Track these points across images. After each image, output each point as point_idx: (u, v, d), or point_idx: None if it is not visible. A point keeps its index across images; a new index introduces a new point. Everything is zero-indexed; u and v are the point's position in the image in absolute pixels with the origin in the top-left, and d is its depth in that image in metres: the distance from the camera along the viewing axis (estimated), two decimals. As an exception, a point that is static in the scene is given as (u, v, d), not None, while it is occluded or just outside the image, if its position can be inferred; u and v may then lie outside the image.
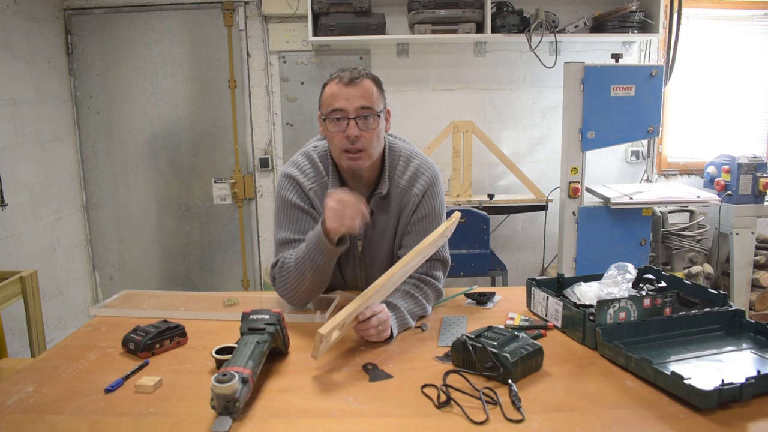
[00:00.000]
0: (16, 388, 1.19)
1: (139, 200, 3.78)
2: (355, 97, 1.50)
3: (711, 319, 1.36)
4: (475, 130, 3.43)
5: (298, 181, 1.62)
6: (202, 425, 1.04)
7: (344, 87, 1.51)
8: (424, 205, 1.63)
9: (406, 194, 1.63)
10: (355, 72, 1.53)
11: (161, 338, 1.36)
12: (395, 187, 1.63)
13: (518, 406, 1.07)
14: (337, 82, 1.52)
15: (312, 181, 1.63)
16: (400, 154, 1.66)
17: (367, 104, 1.51)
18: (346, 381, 1.21)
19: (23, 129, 3.13)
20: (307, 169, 1.64)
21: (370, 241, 1.67)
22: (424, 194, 1.63)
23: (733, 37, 3.75)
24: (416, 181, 1.63)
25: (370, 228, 1.65)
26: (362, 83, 1.51)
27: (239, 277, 3.88)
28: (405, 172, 1.64)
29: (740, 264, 3.37)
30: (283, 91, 3.69)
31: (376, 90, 1.54)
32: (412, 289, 1.58)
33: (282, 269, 1.57)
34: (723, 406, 1.05)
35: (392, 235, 1.67)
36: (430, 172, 1.65)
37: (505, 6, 3.38)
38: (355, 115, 1.50)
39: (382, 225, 1.65)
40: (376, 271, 1.66)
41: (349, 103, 1.50)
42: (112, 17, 3.58)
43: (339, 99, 1.50)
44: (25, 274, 2.44)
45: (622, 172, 3.85)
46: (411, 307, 1.52)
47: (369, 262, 1.70)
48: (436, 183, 1.66)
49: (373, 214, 1.62)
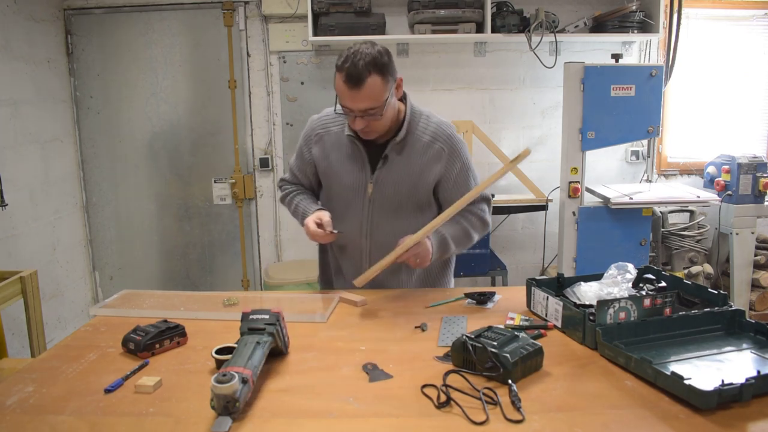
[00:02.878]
0: (16, 388, 1.19)
1: (139, 200, 3.78)
2: (358, 98, 1.55)
3: (711, 319, 1.36)
4: (475, 130, 3.43)
5: (312, 126, 1.81)
6: (202, 425, 1.04)
7: (348, 89, 1.55)
8: (453, 159, 1.73)
9: (430, 148, 1.71)
10: (358, 66, 1.52)
11: (161, 338, 1.36)
12: (417, 140, 1.71)
13: (518, 406, 1.07)
14: (344, 80, 1.54)
15: (321, 127, 1.79)
16: (421, 113, 1.75)
17: (370, 105, 1.56)
18: (346, 381, 1.21)
19: (23, 129, 3.13)
20: (325, 117, 1.80)
21: (381, 186, 1.72)
22: (450, 148, 1.73)
23: (733, 37, 3.75)
24: (438, 136, 1.72)
25: (384, 173, 1.71)
26: (365, 84, 1.53)
27: (239, 277, 3.88)
28: (427, 128, 1.73)
29: (740, 264, 3.37)
30: (283, 91, 3.69)
31: (380, 83, 1.55)
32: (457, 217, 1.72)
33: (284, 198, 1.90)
34: (723, 406, 1.05)
35: (410, 185, 1.72)
36: (450, 129, 1.76)
37: (505, 6, 3.38)
38: (360, 114, 1.58)
39: (397, 172, 1.71)
40: (382, 219, 1.74)
41: (354, 104, 1.57)
42: (112, 17, 3.58)
43: (345, 99, 1.57)
44: (25, 274, 2.44)
45: (622, 172, 3.85)
46: (454, 233, 1.72)
47: (377, 206, 1.74)
48: (458, 138, 1.77)
49: (387, 158, 1.70)
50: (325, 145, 1.77)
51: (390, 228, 1.73)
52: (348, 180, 1.74)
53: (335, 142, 1.75)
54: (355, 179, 1.73)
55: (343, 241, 1.77)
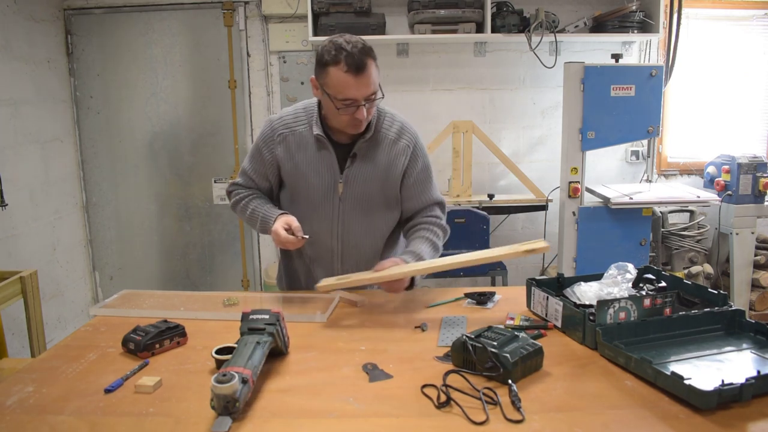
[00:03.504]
0: (16, 388, 1.19)
1: (139, 200, 3.78)
2: (364, 85, 1.55)
3: (711, 319, 1.36)
4: (475, 130, 3.43)
5: (272, 127, 1.75)
6: (202, 425, 1.04)
7: (353, 77, 1.53)
8: (416, 156, 1.76)
9: (395, 145, 1.73)
10: (359, 55, 1.53)
11: (161, 338, 1.36)
12: (383, 138, 1.73)
13: (518, 406, 1.07)
14: (346, 70, 1.53)
15: (284, 128, 1.73)
16: (385, 112, 1.76)
17: (374, 89, 1.58)
18: (346, 381, 1.21)
19: (23, 129, 3.13)
20: (286, 116, 1.75)
21: (351, 185, 1.71)
22: (414, 146, 1.76)
23: (733, 37, 3.75)
24: (403, 134, 1.74)
25: (354, 171, 1.71)
26: (368, 69, 1.55)
27: (239, 277, 3.88)
28: (392, 126, 1.74)
29: (740, 264, 3.37)
30: (283, 91, 3.69)
31: (375, 67, 1.58)
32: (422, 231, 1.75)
33: (237, 205, 1.81)
34: (723, 406, 1.04)
35: (379, 182, 1.73)
36: (412, 128, 1.78)
37: (505, 6, 3.38)
38: (365, 102, 1.57)
39: (366, 170, 1.71)
40: (353, 219, 1.73)
41: (360, 93, 1.56)
42: (112, 17, 3.58)
43: (350, 89, 1.55)
44: (25, 274, 2.44)
45: (622, 172, 3.85)
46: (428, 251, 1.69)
47: (348, 205, 1.73)
48: (420, 137, 1.80)
49: (356, 156, 1.70)
50: (289, 146, 1.72)
51: (360, 228, 1.73)
52: (316, 180, 1.71)
53: (300, 142, 1.72)
54: (324, 179, 1.71)
55: (313, 243, 1.73)
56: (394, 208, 1.79)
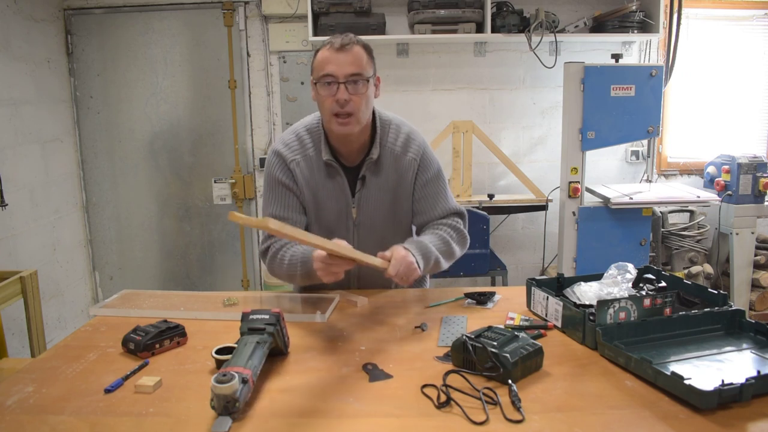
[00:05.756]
0: (16, 388, 1.19)
1: (139, 200, 3.78)
2: (345, 62, 1.53)
3: (711, 319, 1.36)
4: (475, 130, 3.43)
5: (282, 156, 1.67)
6: (202, 425, 1.04)
7: (335, 52, 1.54)
8: (424, 168, 1.70)
9: (402, 160, 1.68)
10: (346, 38, 1.55)
11: (161, 338, 1.36)
12: (389, 153, 1.68)
13: (518, 406, 1.07)
14: (329, 47, 1.55)
15: (295, 153, 1.67)
16: (390, 122, 1.71)
17: (357, 70, 1.55)
18: (346, 381, 1.21)
19: (23, 129, 3.13)
20: (292, 142, 1.69)
21: (364, 208, 1.69)
22: (422, 158, 1.70)
23: (733, 37, 3.75)
24: (409, 146, 1.69)
25: (365, 194, 1.68)
26: (353, 49, 1.54)
27: (239, 277, 3.88)
28: (397, 139, 1.69)
29: (740, 264, 3.37)
30: (283, 91, 3.69)
31: (366, 56, 1.57)
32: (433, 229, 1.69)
33: (274, 261, 1.66)
34: (723, 406, 1.05)
35: (390, 202, 1.69)
36: (419, 137, 1.72)
37: (505, 6, 3.38)
38: (344, 80, 1.54)
39: (376, 191, 1.68)
40: (371, 240, 1.68)
41: (340, 69, 1.53)
42: (112, 17, 3.58)
43: (330, 64, 1.54)
44: (25, 274, 2.44)
45: (622, 172, 3.85)
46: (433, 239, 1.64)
47: (364, 229, 1.70)
48: (428, 147, 1.74)
49: (365, 179, 1.67)
50: (303, 171, 1.66)
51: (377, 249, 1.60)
52: (332, 204, 1.67)
53: (312, 167, 1.66)
54: (339, 203, 1.67)
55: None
56: (409, 224, 1.76)
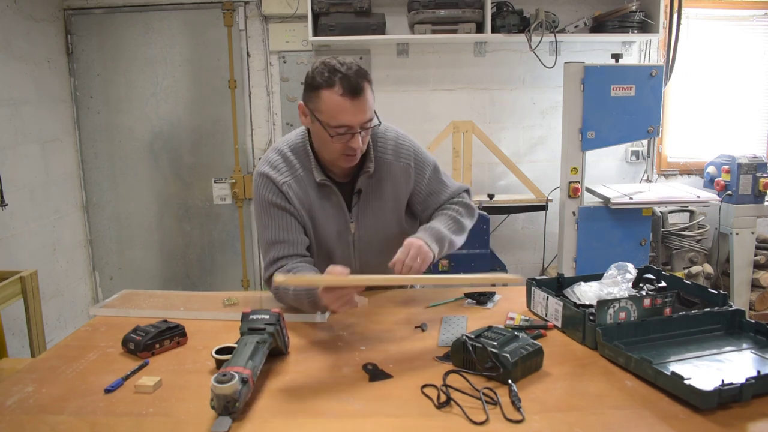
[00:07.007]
0: (16, 388, 1.19)
1: (139, 200, 3.78)
2: (360, 111, 1.46)
3: (711, 319, 1.36)
4: (475, 130, 3.43)
5: (272, 178, 1.59)
6: (202, 425, 1.04)
7: (350, 102, 1.43)
8: (422, 169, 1.69)
9: (394, 166, 1.65)
10: (355, 79, 1.43)
11: (161, 338, 1.36)
12: (382, 163, 1.64)
13: (518, 406, 1.07)
14: (341, 93, 1.43)
15: (285, 175, 1.59)
16: (376, 131, 1.65)
17: (370, 116, 1.49)
18: (346, 381, 1.21)
19: (23, 129, 3.13)
20: (280, 164, 1.60)
21: (362, 221, 1.66)
22: (415, 161, 1.68)
23: (733, 37, 3.75)
24: (400, 151, 1.66)
25: (362, 208, 1.65)
26: (365, 93, 1.45)
27: (239, 277, 3.88)
28: (386, 147, 1.65)
29: (740, 264, 3.37)
30: (283, 91, 3.69)
31: (371, 92, 1.49)
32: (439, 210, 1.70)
33: (278, 289, 1.56)
34: (723, 406, 1.05)
35: (387, 210, 1.67)
36: (407, 140, 1.70)
37: (505, 6, 3.38)
38: (360, 129, 1.48)
39: (374, 204, 1.65)
40: (371, 255, 1.66)
41: (356, 118, 1.46)
42: (112, 17, 3.58)
43: (345, 114, 1.44)
44: (25, 274, 2.44)
45: (622, 172, 3.85)
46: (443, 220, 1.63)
47: (363, 244, 1.68)
48: (418, 147, 1.72)
49: (361, 192, 1.64)
50: (297, 193, 1.58)
51: (379, 260, 1.60)
52: (330, 223, 1.63)
53: (305, 187, 1.60)
54: (337, 221, 1.63)
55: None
56: (411, 225, 1.74)
